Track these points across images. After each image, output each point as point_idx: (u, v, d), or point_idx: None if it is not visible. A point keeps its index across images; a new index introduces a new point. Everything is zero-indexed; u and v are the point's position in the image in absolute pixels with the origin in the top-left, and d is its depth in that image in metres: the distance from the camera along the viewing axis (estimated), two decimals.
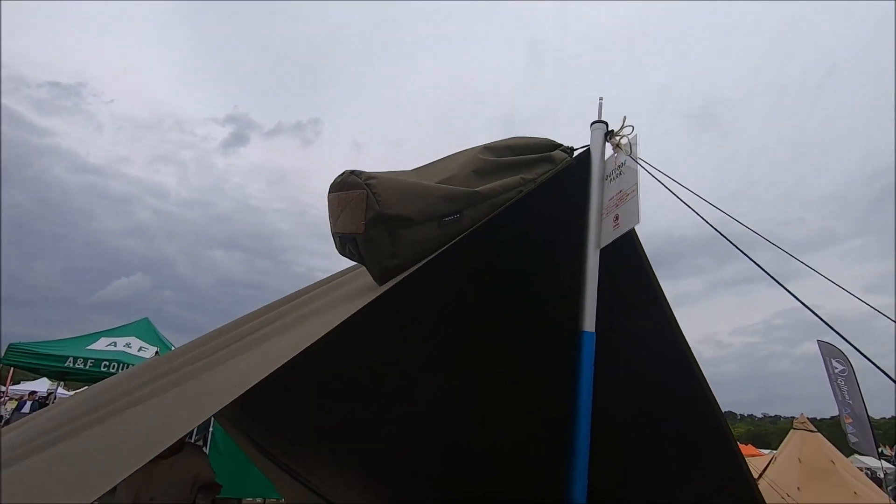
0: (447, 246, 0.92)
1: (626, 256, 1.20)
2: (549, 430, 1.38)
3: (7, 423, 14.27)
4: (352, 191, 0.90)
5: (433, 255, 0.91)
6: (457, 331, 1.23)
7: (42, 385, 35.03)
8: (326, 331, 0.73)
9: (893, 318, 1.02)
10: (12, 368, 16.14)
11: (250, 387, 0.67)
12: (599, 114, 1.23)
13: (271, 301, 1.50)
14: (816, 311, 1.04)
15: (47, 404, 16.22)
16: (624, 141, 1.16)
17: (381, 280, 0.92)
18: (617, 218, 1.12)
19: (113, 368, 11.41)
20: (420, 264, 0.91)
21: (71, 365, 11.23)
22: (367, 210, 0.88)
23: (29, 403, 17.95)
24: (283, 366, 0.74)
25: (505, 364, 1.39)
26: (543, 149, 1.15)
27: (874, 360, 1.00)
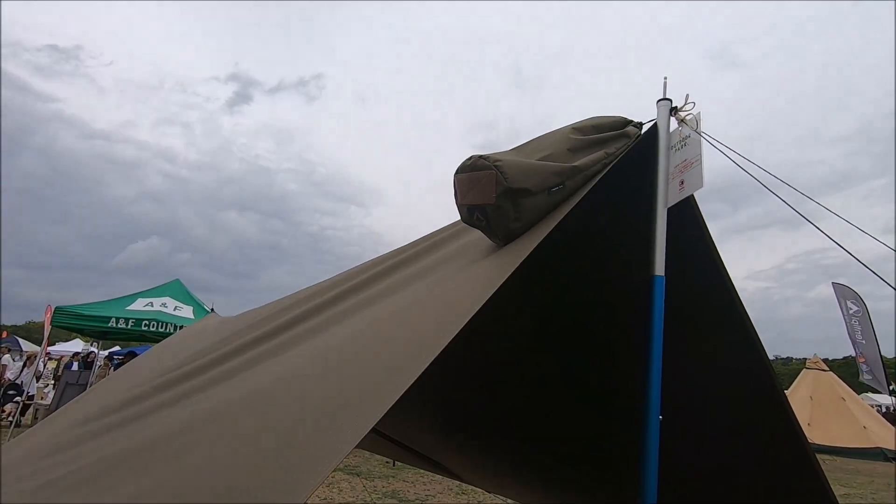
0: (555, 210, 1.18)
1: (687, 217, 1.44)
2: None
3: (57, 379, 15.13)
4: (481, 171, 1.15)
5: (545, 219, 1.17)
6: (561, 300, 1.48)
7: (76, 345, 36.49)
8: (496, 286, 0.96)
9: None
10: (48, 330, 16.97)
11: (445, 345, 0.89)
12: (664, 92, 1.45)
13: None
14: (847, 250, 1.27)
15: (91, 362, 17.07)
16: (689, 117, 1.38)
17: (504, 241, 1.17)
18: (682, 182, 1.36)
19: (153, 327, 12.02)
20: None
21: (113, 325, 11.83)
22: (497, 185, 1.13)
23: (75, 363, 18.91)
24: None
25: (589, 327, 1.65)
26: (619, 126, 1.38)
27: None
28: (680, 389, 1.49)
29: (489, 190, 1.15)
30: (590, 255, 1.38)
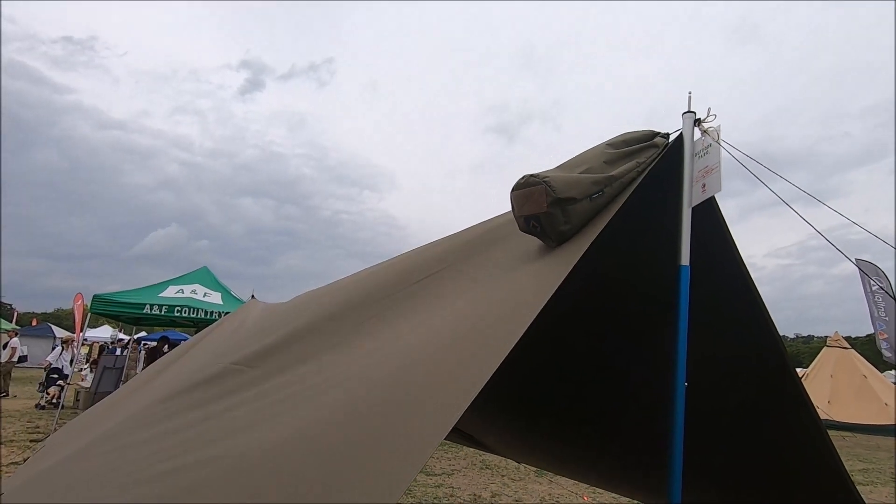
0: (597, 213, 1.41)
1: (708, 215, 1.66)
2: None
3: (94, 363, 15.85)
4: (533, 187, 1.38)
5: (589, 221, 1.40)
6: (602, 289, 1.70)
7: (105, 331, 37.62)
8: (560, 280, 1.19)
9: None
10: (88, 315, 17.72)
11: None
12: (689, 105, 1.64)
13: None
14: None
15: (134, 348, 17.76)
16: (711, 128, 1.58)
17: (557, 242, 1.41)
18: (704, 185, 1.56)
19: (185, 313, 12.50)
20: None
21: (148, 311, 12.33)
22: (547, 197, 1.35)
23: (118, 349, 19.69)
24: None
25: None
26: (648, 137, 1.59)
27: None
28: (700, 366, 1.71)
29: (541, 201, 1.37)
30: (626, 249, 1.59)
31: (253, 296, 6.09)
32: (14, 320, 41.85)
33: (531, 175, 1.42)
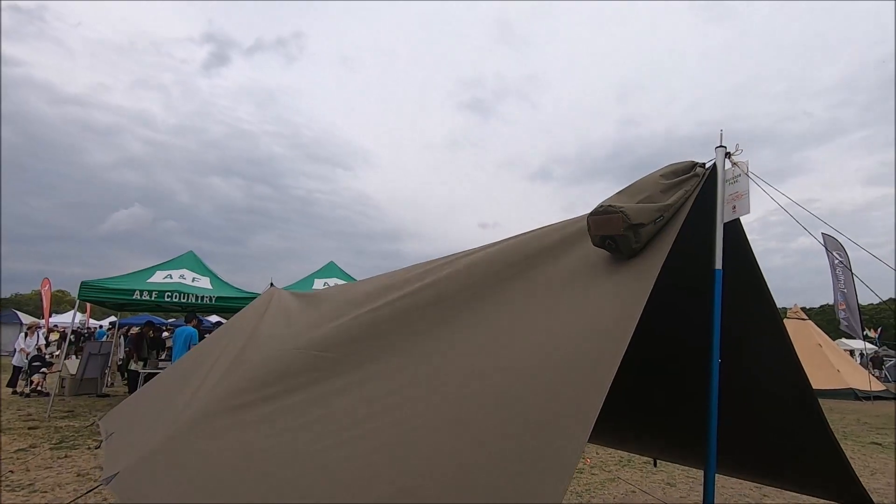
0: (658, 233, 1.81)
1: (736, 230, 2.08)
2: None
3: (79, 350, 15.69)
4: (612, 214, 1.76)
5: (652, 239, 1.79)
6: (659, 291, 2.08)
7: (69, 317, 36.81)
8: (649, 290, 1.55)
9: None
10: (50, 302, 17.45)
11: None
12: (720, 140, 2.04)
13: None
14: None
15: (129, 334, 17.57)
16: (740, 161, 1.99)
17: (628, 257, 1.79)
18: (734, 207, 1.97)
19: (175, 298, 12.51)
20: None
21: (138, 297, 12.32)
22: (623, 222, 1.74)
23: (106, 335, 19.41)
24: None
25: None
26: (690, 168, 1.98)
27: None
28: (727, 347, 2.15)
29: (618, 225, 1.75)
30: (677, 257, 1.98)
31: (272, 284, 6.33)
32: None
33: (609, 205, 1.80)
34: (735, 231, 2.12)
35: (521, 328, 1.82)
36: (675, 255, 1.87)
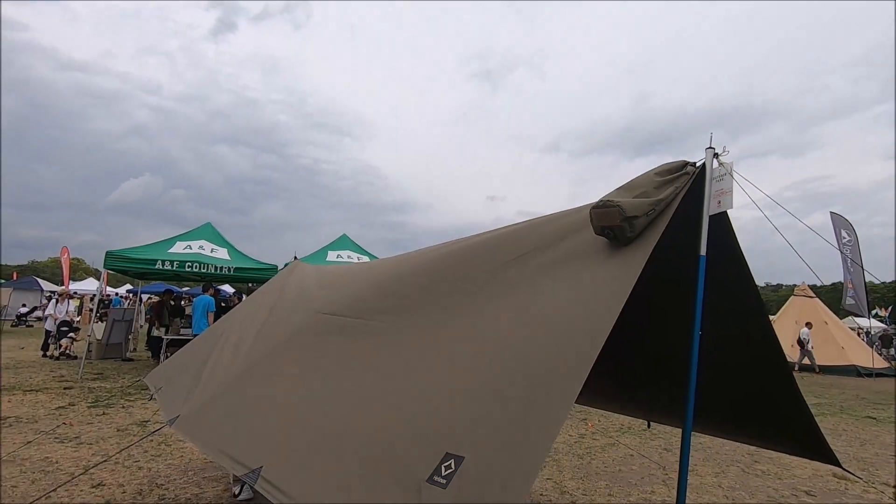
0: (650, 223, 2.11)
1: (721, 221, 2.37)
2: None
3: (103, 316, 16.35)
4: (611, 208, 2.06)
5: (645, 229, 2.09)
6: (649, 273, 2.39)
7: (90, 284, 37.88)
8: (643, 264, 1.87)
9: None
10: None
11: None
12: (710, 142, 2.32)
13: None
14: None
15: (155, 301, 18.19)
16: (726, 161, 2.27)
17: (624, 244, 2.09)
18: (720, 202, 2.26)
19: (195, 268, 13.00)
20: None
21: (160, 267, 12.82)
22: (620, 215, 2.04)
23: (126, 303, 20.11)
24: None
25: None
26: (682, 167, 2.26)
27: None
28: (708, 322, 2.46)
29: (615, 218, 2.05)
30: (666, 245, 2.28)
31: (295, 257, 6.73)
32: None
33: (609, 200, 2.10)
34: (723, 222, 2.41)
35: (533, 300, 2.15)
36: (669, 242, 2.18)
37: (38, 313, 27.42)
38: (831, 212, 19.70)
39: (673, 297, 2.59)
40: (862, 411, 11.11)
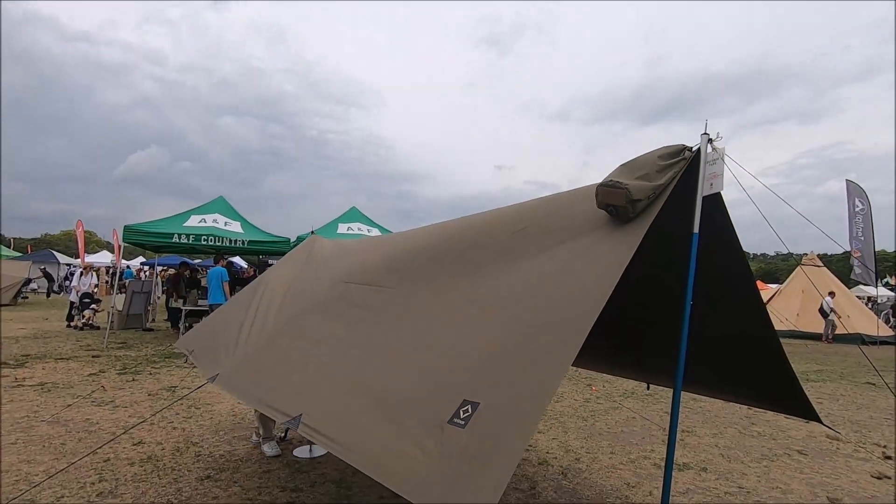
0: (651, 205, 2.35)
1: (714, 201, 2.59)
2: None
3: (122, 287, 16.85)
4: (618, 188, 2.29)
5: (646, 210, 2.33)
6: (648, 248, 2.62)
7: (104, 256, 38.62)
8: (639, 241, 2.12)
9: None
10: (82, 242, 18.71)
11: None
12: (705, 128, 2.52)
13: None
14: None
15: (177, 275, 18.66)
16: (719, 146, 2.48)
17: (624, 222, 2.33)
18: (711, 184, 2.48)
19: (210, 241, 13.32)
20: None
21: (176, 240, 13.17)
22: (626, 197, 2.27)
23: (142, 276, 20.61)
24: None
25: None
26: (681, 151, 2.47)
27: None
28: (700, 294, 2.72)
29: (621, 198, 2.28)
30: (663, 222, 2.51)
31: (313, 231, 7.01)
32: (12, 247, 42.39)
33: (617, 181, 2.33)
34: (717, 202, 2.64)
35: (540, 267, 2.42)
36: (667, 219, 2.41)
37: (34, 285, 29.39)
38: (847, 179, 19.69)
39: (669, 270, 2.84)
40: (861, 378, 11.41)
